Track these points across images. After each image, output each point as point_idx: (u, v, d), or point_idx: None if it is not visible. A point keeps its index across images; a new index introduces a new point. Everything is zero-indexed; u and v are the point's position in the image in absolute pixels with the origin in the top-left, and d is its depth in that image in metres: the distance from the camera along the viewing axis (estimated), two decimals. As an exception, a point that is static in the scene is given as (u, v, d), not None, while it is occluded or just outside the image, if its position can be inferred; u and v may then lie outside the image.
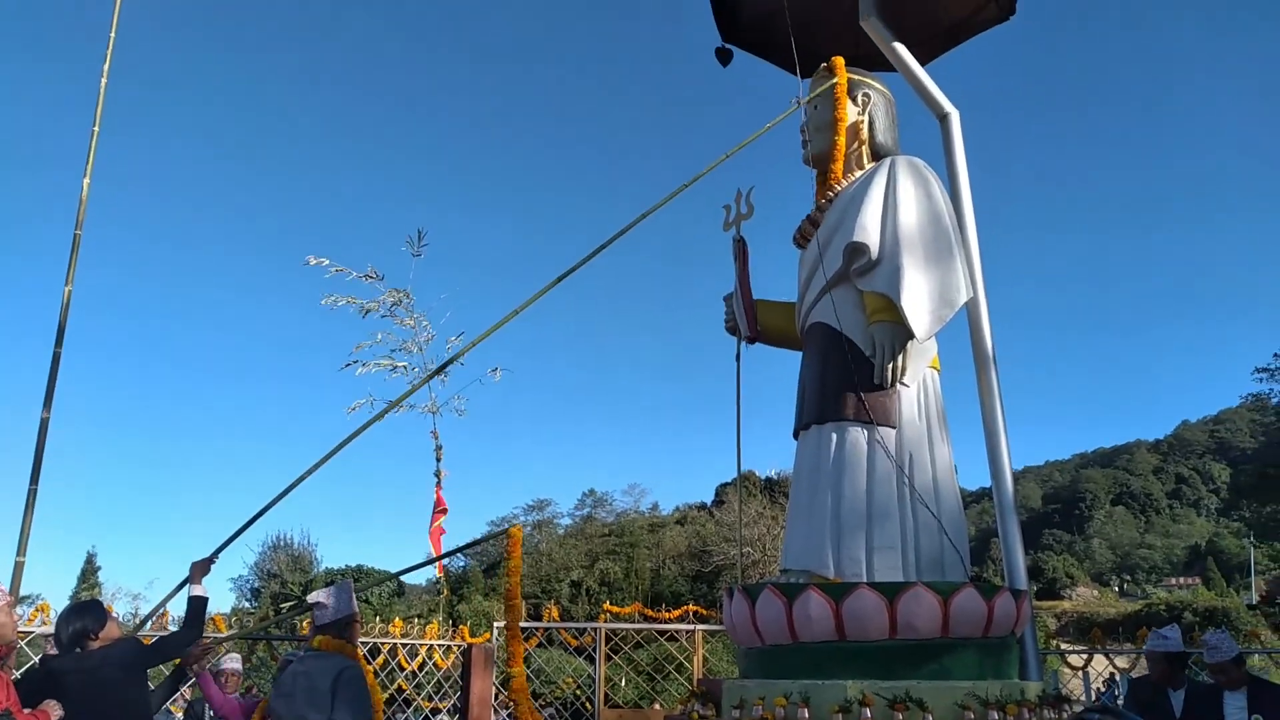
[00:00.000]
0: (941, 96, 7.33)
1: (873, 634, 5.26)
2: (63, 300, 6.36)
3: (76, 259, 6.39)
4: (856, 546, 5.82)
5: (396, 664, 10.45)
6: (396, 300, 12.17)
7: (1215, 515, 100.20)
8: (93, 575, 37.73)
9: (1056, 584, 77.44)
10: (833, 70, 6.97)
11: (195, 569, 5.48)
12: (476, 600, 41.90)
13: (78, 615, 4.93)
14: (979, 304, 6.87)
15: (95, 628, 4.89)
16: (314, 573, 43.19)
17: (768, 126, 6.82)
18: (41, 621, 7.70)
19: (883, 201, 6.29)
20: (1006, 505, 6.62)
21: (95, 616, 4.96)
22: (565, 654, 17.73)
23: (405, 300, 12.19)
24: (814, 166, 7.08)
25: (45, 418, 6.05)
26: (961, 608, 5.29)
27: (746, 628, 5.70)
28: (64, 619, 4.92)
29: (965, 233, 6.86)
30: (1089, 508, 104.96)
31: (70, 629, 4.84)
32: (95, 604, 5.20)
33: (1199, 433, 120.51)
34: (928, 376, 6.35)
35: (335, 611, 4.99)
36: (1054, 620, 59.17)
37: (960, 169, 7.22)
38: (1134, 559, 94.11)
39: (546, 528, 55.44)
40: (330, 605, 4.99)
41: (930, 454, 6.09)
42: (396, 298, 12.15)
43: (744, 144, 6.68)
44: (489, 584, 47.82)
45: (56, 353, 6.21)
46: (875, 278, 6.13)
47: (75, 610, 5.00)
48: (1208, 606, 48.84)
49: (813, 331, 6.58)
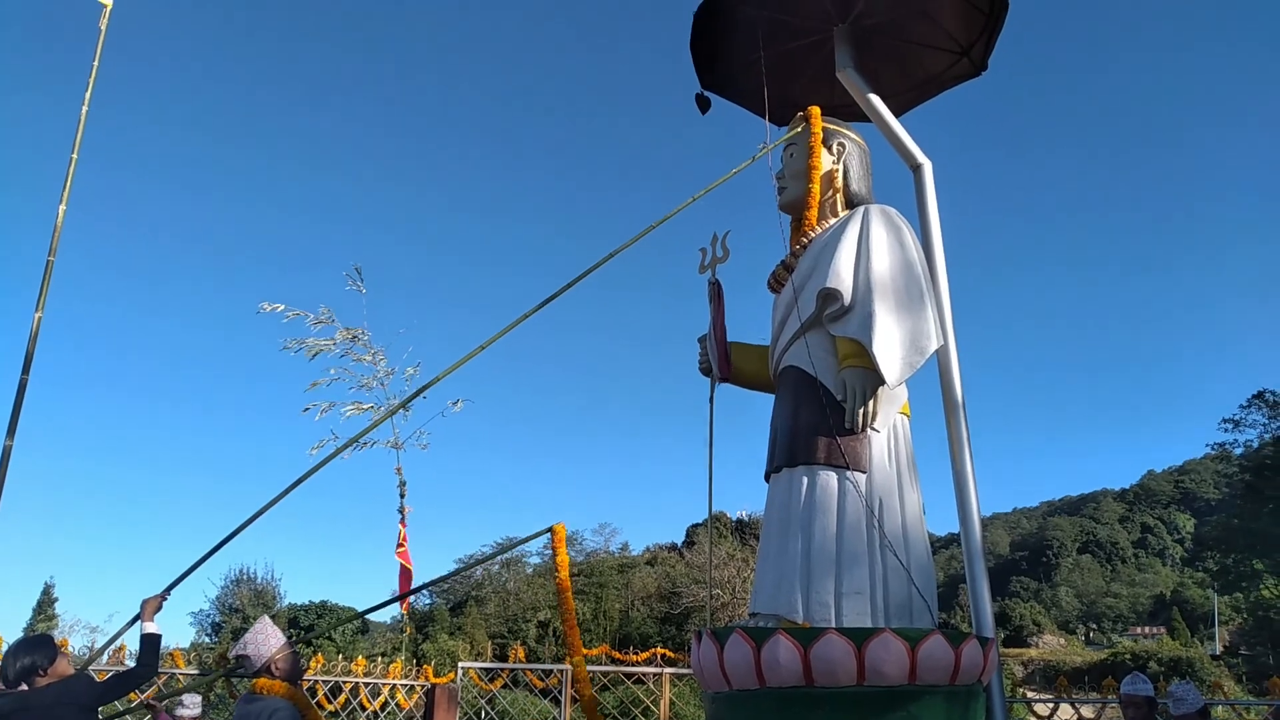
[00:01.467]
0: (915, 147, 7.47)
1: (841, 680, 5.24)
2: (33, 327, 6.30)
3: (48, 285, 6.34)
4: (826, 591, 5.82)
5: (358, 703, 10.27)
6: (352, 337, 12.15)
7: (1180, 565, 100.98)
8: (49, 607, 36.90)
9: (1023, 631, 77.50)
10: (808, 119, 7.10)
11: (146, 606, 5.36)
12: (442, 639, 41.30)
13: (26, 651, 4.79)
14: (949, 351, 6.95)
15: (45, 664, 4.76)
16: (276, 608, 42.48)
17: (733, 172, 6.91)
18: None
19: (856, 249, 6.39)
20: (975, 552, 6.65)
21: (45, 653, 4.82)
22: (531, 696, 17.51)
23: (361, 336, 12.17)
24: (789, 213, 7.18)
25: (9, 445, 5.96)
26: (929, 654, 5.30)
27: (714, 671, 5.66)
28: (11, 654, 4.79)
29: (937, 281, 6.96)
30: (1056, 555, 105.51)
31: (18, 664, 4.71)
32: (46, 639, 5.08)
33: (1164, 482, 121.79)
34: (898, 422, 6.41)
35: (259, 657, 5.02)
36: (1020, 668, 59.13)
37: (933, 218, 7.33)
38: (1100, 607, 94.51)
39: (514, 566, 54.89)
40: (253, 654, 5.03)
41: (900, 500, 6.12)
42: (351, 335, 12.14)
43: (711, 188, 6.77)
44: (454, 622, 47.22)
45: (23, 379, 6.13)
46: (847, 323, 6.20)
47: (23, 646, 4.87)
48: (1173, 656, 49.05)
49: (785, 375, 6.63)
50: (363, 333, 12.06)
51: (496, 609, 49.18)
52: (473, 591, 53.12)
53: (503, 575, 53.13)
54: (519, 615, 47.29)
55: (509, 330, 6.51)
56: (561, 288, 6.55)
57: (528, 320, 6.54)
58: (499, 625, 46.46)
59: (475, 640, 41.99)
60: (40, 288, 6.25)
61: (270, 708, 4.79)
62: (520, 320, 6.52)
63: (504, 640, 40.42)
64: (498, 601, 50.12)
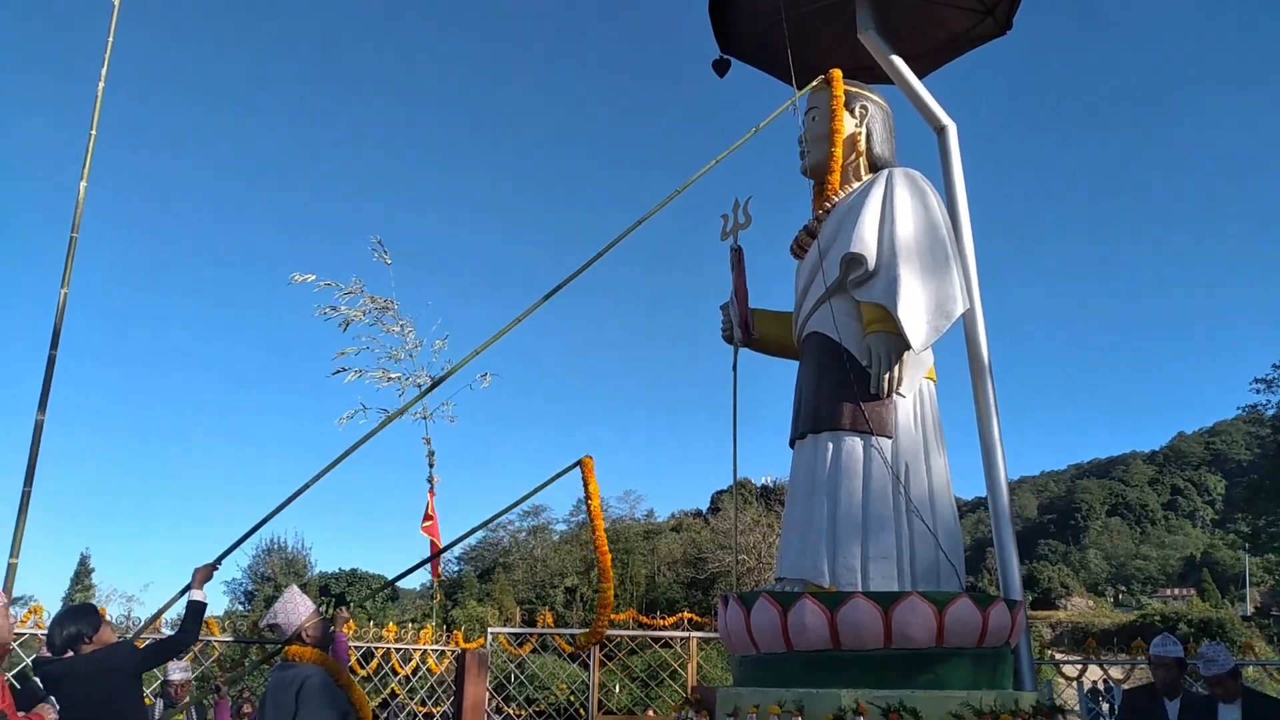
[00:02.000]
0: (939, 109, 7.37)
1: (868, 643, 5.27)
2: (59, 303, 6.38)
3: (73, 262, 6.41)
4: (852, 556, 5.84)
5: (390, 668, 10.43)
6: (382, 308, 12.22)
7: (1210, 527, 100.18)
8: (86, 577, 37.63)
9: (1051, 594, 77.36)
10: (830, 82, 7.01)
11: (198, 574, 5.52)
12: (471, 606, 41.79)
13: (72, 619, 4.93)
14: (975, 315, 6.89)
15: (89, 632, 4.90)
16: (308, 576, 43.11)
17: (756, 129, 6.87)
18: (35, 624, 7.69)
19: (880, 213, 6.33)
20: (1002, 516, 6.65)
21: (89, 621, 4.96)
22: (559, 660, 17.72)
23: (391, 306, 12.25)
24: (812, 177, 7.11)
25: (40, 420, 6.07)
26: (956, 618, 5.31)
27: (741, 636, 5.71)
28: (58, 622, 4.92)
29: (962, 244, 6.89)
30: (1084, 518, 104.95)
31: (64, 633, 4.84)
32: (89, 608, 5.21)
33: (1195, 444, 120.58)
34: (924, 387, 6.37)
35: (289, 626, 5.11)
36: (1049, 630, 59.12)
37: (957, 181, 7.25)
38: (1129, 570, 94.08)
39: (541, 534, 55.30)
40: (284, 623, 5.13)
41: (926, 464, 6.11)
42: (381, 305, 12.21)
43: (734, 148, 6.74)
44: (483, 589, 47.74)
45: (52, 355, 6.23)
46: (872, 288, 6.15)
47: (69, 614, 5.00)
48: (1203, 618, 48.81)
49: (810, 341, 6.60)
50: (392, 303, 12.13)
51: (524, 575, 49.59)
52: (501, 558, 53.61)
53: (530, 542, 53.54)
54: (546, 581, 47.67)
55: (540, 305, 6.58)
56: (589, 260, 6.59)
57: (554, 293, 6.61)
58: (527, 591, 46.87)
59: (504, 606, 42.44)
60: (65, 264, 6.33)
61: (303, 674, 4.88)
62: (550, 295, 6.60)
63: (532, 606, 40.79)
64: (525, 568, 50.53)
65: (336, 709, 4.90)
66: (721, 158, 6.78)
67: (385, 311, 12.30)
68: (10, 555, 5.73)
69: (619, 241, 6.64)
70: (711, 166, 6.74)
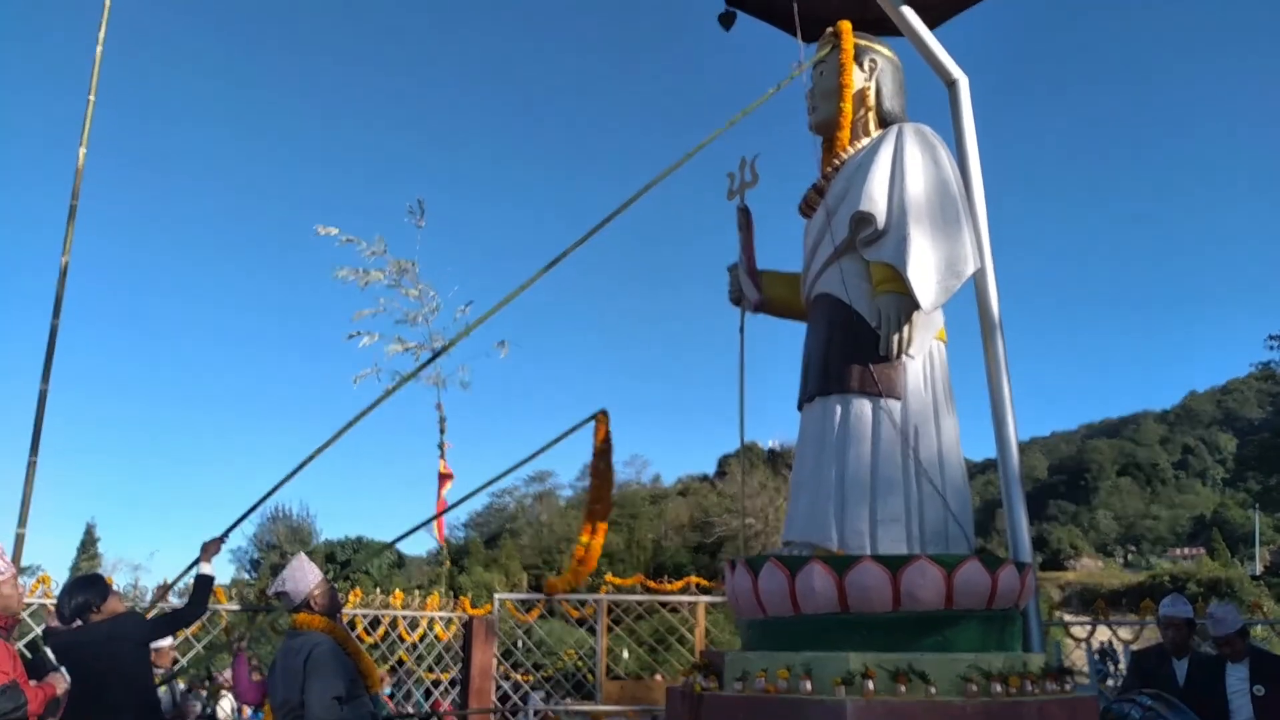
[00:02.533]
0: (950, 62, 7.21)
1: (876, 606, 5.24)
2: (60, 270, 6.32)
3: (73, 229, 6.35)
4: (860, 519, 5.79)
5: (397, 635, 10.48)
6: (402, 270, 12.14)
7: (1221, 486, 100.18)
8: (92, 546, 38.05)
9: (1061, 555, 77.65)
10: (838, 35, 6.84)
11: (206, 548, 5.55)
12: (477, 572, 42.14)
13: (80, 589, 4.96)
14: (986, 274, 6.79)
15: (98, 602, 4.94)
16: (313, 544, 43.51)
17: (769, 94, 6.72)
18: (43, 593, 7.73)
19: (890, 170, 6.19)
20: (1012, 477, 6.59)
21: (98, 591, 5.01)
22: (567, 625, 17.82)
23: (411, 270, 12.16)
24: (820, 134, 6.96)
25: (44, 389, 6.04)
26: (965, 580, 5.26)
27: (749, 600, 5.67)
28: (66, 592, 4.95)
29: (973, 202, 6.77)
30: (1095, 478, 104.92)
31: (73, 603, 4.87)
32: (97, 578, 5.25)
33: (1206, 403, 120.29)
34: (934, 348, 6.27)
35: (297, 593, 5.10)
36: (1058, 591, 59.41)
37: (969, 136, 7.11)
38: (1139, 529, 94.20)
39: (548, 499, 55.66)
40: (292, 590, 5.11)
41: (936, 426, 6.03)
42: (402, 267, 12.12)
43: (746, 111, 6.59)
44: (489, 555, 48.10)
45: (54, 324, 6.19)
46: (882, 248, 6.04)
47: (78, 584, 5.04)
48: (1212, 577, 48.95)
49: (818, 302, 6.50)
50: (413, 265, 12.03)
51: (531, 540, 50.00)
52: (507, 524, 53.99)
53: (536, 508, 53.92)
54: (553, 547, 48.04)
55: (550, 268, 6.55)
56: (598, 224, 6.53)
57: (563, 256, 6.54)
58: (533, 557, 47.26)
59: (510, 572, 42.83)
60: (66, 231, 6.27)
61: (311, 642, 4.88)
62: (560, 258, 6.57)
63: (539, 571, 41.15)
64: (532, 533, 50.95)
65: (345, 676, 4.90)
66: (732, 122, 6.63)
67: (405, 274, 12.23)
68: (18, 525, 5.75)
69: (627, 206, 6.54)
70: (720, 133, 6.59)
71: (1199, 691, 5.89)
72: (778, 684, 5.09)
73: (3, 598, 4.61)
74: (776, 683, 5.10)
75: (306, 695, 4.67)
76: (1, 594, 4.60)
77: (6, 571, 4.78)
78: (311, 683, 4.72)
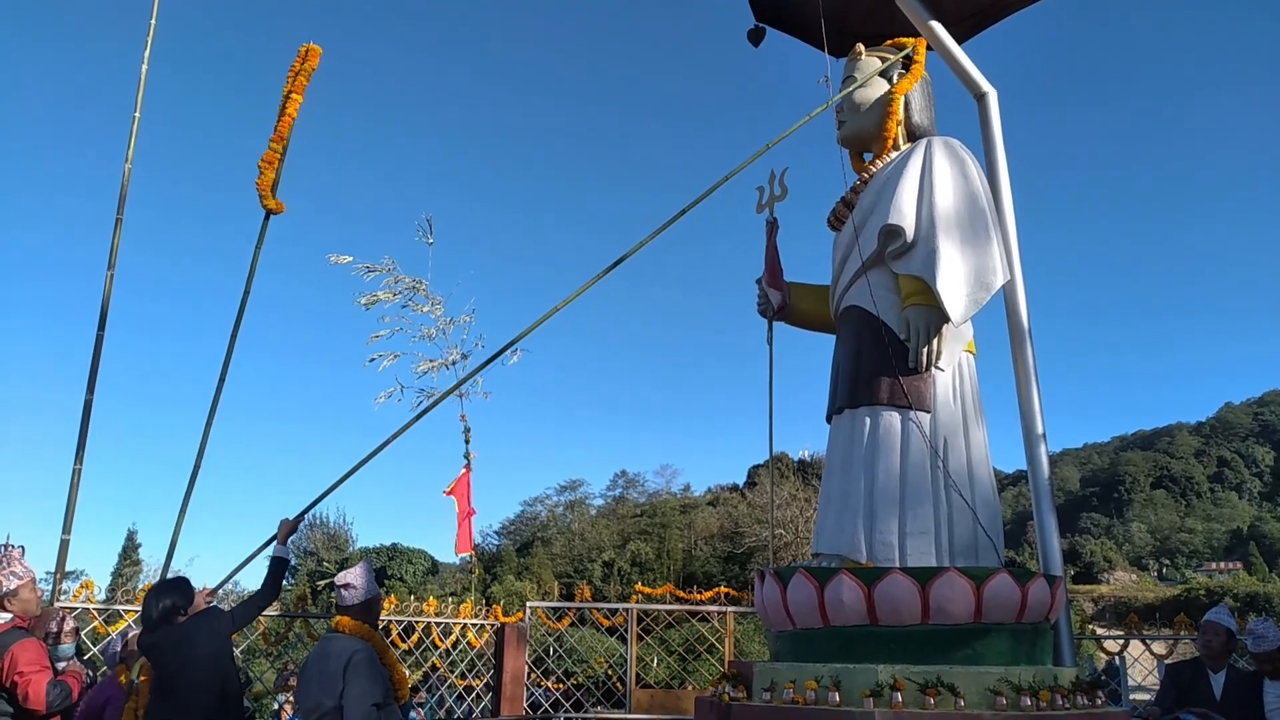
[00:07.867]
0: (979, 75, 7.22)
1: (905, 619, 5.25)
2: (105, 284, 6.48)
3: (119, 243, 6.49)
4: (889, 531, 5.80)
5: (430, 642, 10.57)
6: (412, 287, 12.33)
7: (1258, 499, 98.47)
8: (134, 552, 38.50)
9: (1094, 568, 76.57)
10: (869, 49, 6.89)
11: (283, 527, 5.62)
12: (509, 580, 42.25)
13: (167, 593, 5.10)
14: (1016, 286, 6.78)
15: (184, 604, 5.09)
16: (349, 551, 43.84)
17: (814, 113, 6.72)
18: (86, 598, 7.90)
19: (919, 183, 6.22)
20: (1042, 490, 6.56)
21: (184, 594, 5.16)
22: (597, 634, 17.85)
23: (420, 286, 12.37)
24: (849, 147, 7.01)
25: (89, 399, 6.18)
26: (995, 593, 5.26)
27: (778, 611, 5.70)
28: (153, 596, 5.08)
29: (1002, 214, 6.77)
30: (1128, 491, 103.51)
31: (160, 606, 5.00)
32: (183, 581, 5.35)
33: (1242, 415, 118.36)
34: (963, 360, 6.29)
35: (364, 592, 5.17)
36: (1091, 605, 58.57)
37: (998, 149, 7.11)
38: (1173, 543, 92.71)
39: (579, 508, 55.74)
40: (359, 586, 5.16)
41: (965, 439, 6.04)
42: (412, 285, 12.32)
43: (786, 134, 6.58)
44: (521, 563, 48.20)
45: (99, 335, 6.33)
46: (911, 261, 6.06)
47: (164, 588, 5.16)
48: (1249, 592, 48.11)
49: (847, 315, 6.53)
50: (421, 283, 12.24)
51: (562, 549, 50.05)
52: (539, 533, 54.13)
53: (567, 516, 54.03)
54: (584, 555, 48.07)
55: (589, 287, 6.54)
56: (637, 244, 6.52)
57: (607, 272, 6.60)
58: (565, 565, 47.29)
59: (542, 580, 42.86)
60: (111, 245, 6.42)
61: (351, 648, 4.91)
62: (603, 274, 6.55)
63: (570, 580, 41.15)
64: (563, 542, 50.99)
65: (381, 686, 4.95)
66: (771, 145, 6.63)
67: (415, 291, 12.43)
68: (63, 531, 5.86)
69: (668, 227, 6.54)
70: (760, 155, 6.58)
71: (1236, 707, 5.81)
72: (806, 695, 5.12)
73: (22, 600, 5.03)
74: (805, 694, 5.12)
75: (345, 700, 4.71)
76: (20, 597, 5.02)
77: (25, 575, 5.10)
78: (351, 689, 4.76)
